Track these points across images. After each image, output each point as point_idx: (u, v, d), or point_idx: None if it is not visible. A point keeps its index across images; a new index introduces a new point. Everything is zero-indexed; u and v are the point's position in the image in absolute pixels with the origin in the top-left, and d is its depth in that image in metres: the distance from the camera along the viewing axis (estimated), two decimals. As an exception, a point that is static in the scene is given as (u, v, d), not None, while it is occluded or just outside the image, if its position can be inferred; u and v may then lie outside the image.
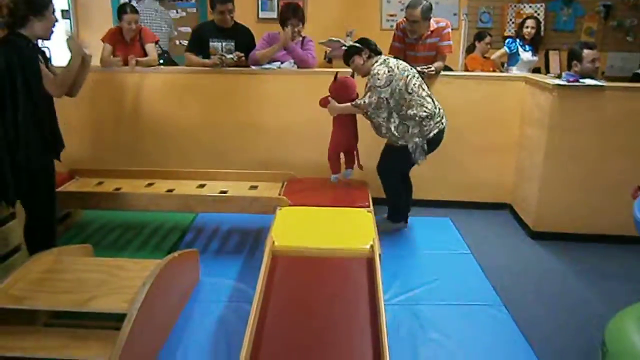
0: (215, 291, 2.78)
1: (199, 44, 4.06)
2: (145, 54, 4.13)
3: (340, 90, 3.29)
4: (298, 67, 3.95)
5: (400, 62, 3.24)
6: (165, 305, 2.36)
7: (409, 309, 2.65)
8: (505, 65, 5.23)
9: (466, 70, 5.41)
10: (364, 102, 3.14)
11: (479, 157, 3.98)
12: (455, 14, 6.47)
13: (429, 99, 3.20)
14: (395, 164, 3.38)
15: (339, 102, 3.27)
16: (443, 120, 3.26)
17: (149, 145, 4.09)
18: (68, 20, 6.63)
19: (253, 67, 3.93)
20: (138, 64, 3.98)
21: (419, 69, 3.69)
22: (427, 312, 2.63)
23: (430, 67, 3.73)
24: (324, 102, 3.34)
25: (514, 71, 5.00)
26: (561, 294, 2.90)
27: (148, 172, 3.60)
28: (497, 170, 4.00)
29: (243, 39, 4.06)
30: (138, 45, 4.15)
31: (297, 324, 2.07)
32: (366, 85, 3.20)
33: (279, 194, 3.23)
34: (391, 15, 6.77)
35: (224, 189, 3.34)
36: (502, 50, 5.15)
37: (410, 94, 3.13)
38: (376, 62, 3.18)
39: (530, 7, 6.30)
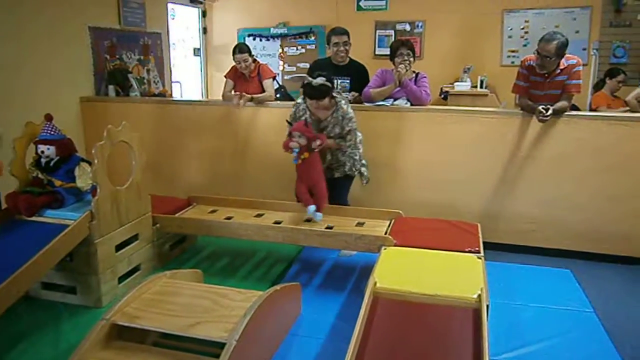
0: (314, 327, 2.77)
1: (314, 80, 4.17)
2: (264, 90, 4.33)
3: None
4: (411, 104, 3.91)
5: None
6: (264, 337, 2.39)
7: (519, 369, 2.44)
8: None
9: (591, 109, 5.01)
10: (360, 139, 3.54)
11: (607, 204, 3.61)
12: (584, 49, 6.08)
13: None
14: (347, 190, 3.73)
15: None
16: None
17: (257, 176, 4.27)
18: (199, 58, 7.26)
19: (366, 104, 3.95)
20: (253, 100, 4.18)
21: (540, 108, 3.48)
22: (540, 374, 2.40)
23: (548, 109, 3.46)
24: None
25: (654, 111, 4.54)
26: None
27: (258, 203, 3.72)
28: (630, 220, 3.60)
29: (358, 76, 4.11)
30: (256, 81, 4.36)
31: (395, 372, 1.98)
32: (339, 122, 3.37)
33: (385, 233, 3.16)
34: (512, 51, 6.53)
35: (331, 224, 3.34)
36: (639, 90, 4.71)
37: None
38: (341, 102, 3.38)
39: (676, 40, 5.75)
